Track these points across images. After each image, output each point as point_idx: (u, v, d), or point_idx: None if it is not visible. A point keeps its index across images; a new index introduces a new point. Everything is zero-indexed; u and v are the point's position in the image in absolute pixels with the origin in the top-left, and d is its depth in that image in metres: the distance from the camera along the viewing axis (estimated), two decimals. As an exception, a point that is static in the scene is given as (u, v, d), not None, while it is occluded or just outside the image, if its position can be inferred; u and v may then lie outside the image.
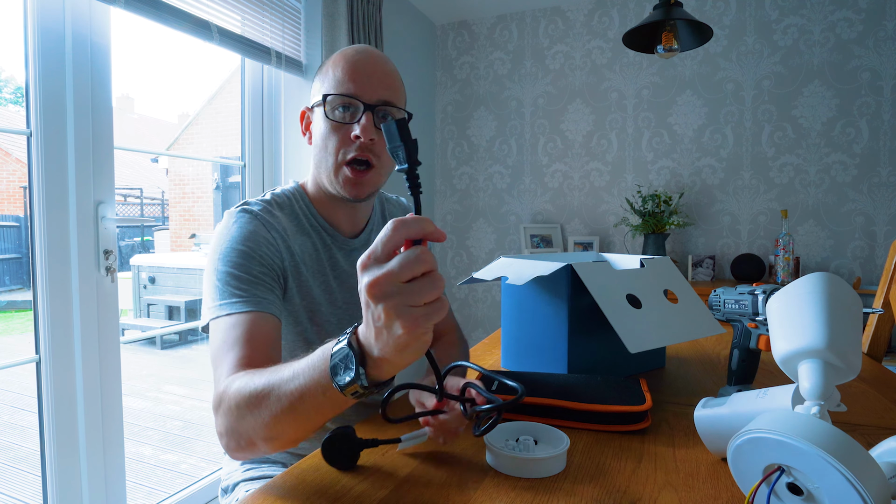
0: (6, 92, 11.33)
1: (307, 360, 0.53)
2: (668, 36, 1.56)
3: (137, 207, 12.23)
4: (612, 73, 2.84)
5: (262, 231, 0.78)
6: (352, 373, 0.47)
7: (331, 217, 0.89)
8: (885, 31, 2.38)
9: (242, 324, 0.68)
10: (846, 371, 0.51)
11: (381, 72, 0.81)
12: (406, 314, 0.42)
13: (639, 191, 2.75)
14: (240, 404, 0.57)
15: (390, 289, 0.42)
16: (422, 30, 3.05)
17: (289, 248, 0.81)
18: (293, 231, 0.84)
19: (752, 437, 0.44)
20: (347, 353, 0.48)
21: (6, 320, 6.73)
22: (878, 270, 2.43)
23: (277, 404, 0.53)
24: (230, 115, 10.92)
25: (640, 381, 0.79)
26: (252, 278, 0.73)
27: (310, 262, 0.85)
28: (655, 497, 0.53)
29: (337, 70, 0.80)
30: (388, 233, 0.43)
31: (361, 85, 0.79)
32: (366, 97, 0.79)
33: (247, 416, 0.56)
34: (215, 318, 0.70)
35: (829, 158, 2.49)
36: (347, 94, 0.79)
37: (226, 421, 0.59)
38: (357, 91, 0.79)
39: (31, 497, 2.22)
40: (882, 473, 0.39)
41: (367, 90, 0.79)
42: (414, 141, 0.47)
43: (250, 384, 0.57)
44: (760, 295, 0.75)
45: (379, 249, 0.43)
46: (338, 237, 0.89)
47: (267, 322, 0.70)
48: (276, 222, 0.81)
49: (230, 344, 0.67)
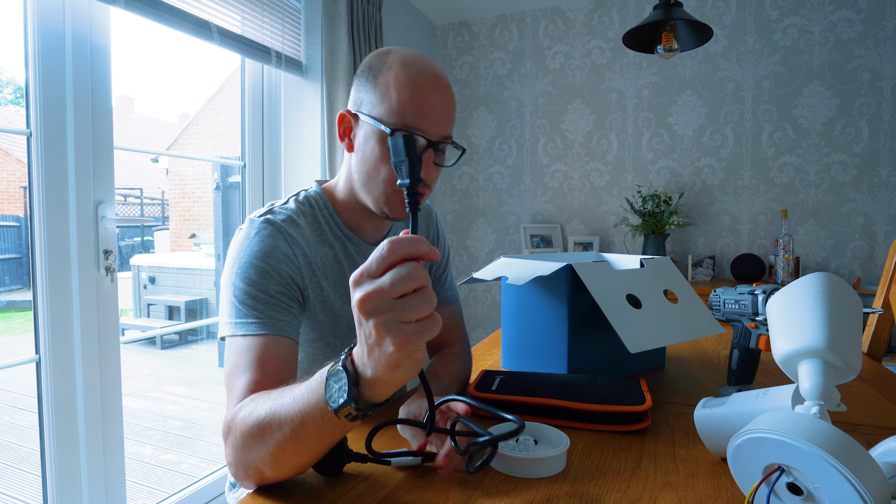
0: (6, 92, 11.31)
1: (306, 385, 0.52)
2: (668, 36, 1.56)
3: (137, 207, 12.22)
4: (612, 73, 2.84)
5: (284, 246, 0.75)
6: (345, 394, 0.47)
7: (355, 225, 0.85)
8: (885, 31, 2.38)
9: (256, 347, 0.67)
10: (846, 371, 0.51)
11: (447, 104, 0.75)
12: (397, 330, 0.42)
13: (639, 191, 2.75)
14: (244, 434, 0.56)
15: (381, 305, 0.42)
16: (422, 30, 3.05)
17: (310, 263, 0.78)
18: (315, 241, 0.81)
19: (752, 437, 0.44)
20: (340, 375, 0.48)
21: (6, 320, 6.73)
22: (878, 270, 2.43)
23: (280, 432, 0.53)
24: (230, 115, 10.92)
25: (640, 381, 0.79)
26: (269, 298, 0.71)
27: (331, 275, 0.82)
28: (655, 497, 0.53)
29: (403, 94, 0.72)
30: (383, 251, 0.43)
31: (429, 120, 0.73)
32: (430, 133, 0.74)
33: (252, 447, 0.55)
34: (231, 336, 0.69)
35: (829, 158, 2.49)
36: (413, 129, 0.72)
37: (233, 452, 0.58)
38: (424, 127, 0.73)
39: (31, 497, 2.22)
40: (882, 473, 0.39)
41: (434, 126, 0.74)
42: (419, 157, 0.48)
43: (254, 413, 0.56)
44: (760, 295, 0.75)
45: (373, 266, 0.43)
46: (361, 245, 0.86)
47: (281, 345, 0.69)
48: (298, 235, 0.78)
49: (242, 368, 0.66)
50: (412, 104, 0.72)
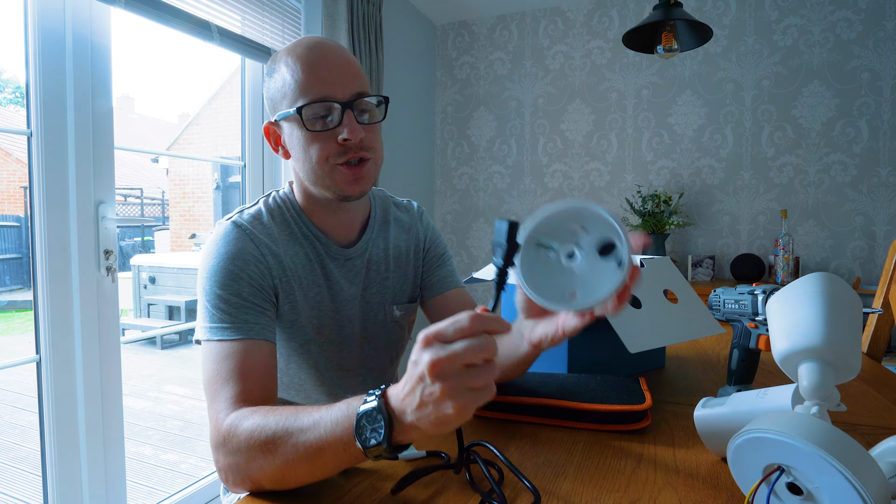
0: (6, 92, 11.33)
1: (329, 415, 0.52)
2: (668, 36, 1.56)
3: (138, 207, 12.23)
4: (612, 73, 2.85)
5: (251, 248, 0.75)
6: (379, 436, 0.48)
7: (323, 224, 0.83)
8: (885, 31, 2.38)
9: (235, 355, 0.67)
10: (846, 371, 0.51)
11: (343, 62, 0.75)
12: (460, 396, 0.44)
13: (639, 191, 2.75)
14: (251, 446, 0.55)
15: (451, 370, 0.44)
16: (422, 30, 3.05)
17: (280, 264, 0.77)
18: (285, 241, 0.80)
19: (752, 436, 0.44)
20: (376, 416, 0.48)
21: (6, 320, 6.73)
22: (878, 270, 2.44)
23: (294, 452, 0.53)
24: (230, 115, 10.92)
25: (640, 380, 0.79)
26: (242, 301, 0.71)
27: (303, 274, 0.80)
28: (655, 497, 0.53)
29: (296, 73, 0.72)
30: (463, 323, 0.45)
31: (331, 84, 0.72)
32: (339, 95, 0.73)
33: (258, 459, 0.55)
34: (207, 341, 0.69)
35: (828, 158, 2.49)
36: (320, 98, 0.72)
37: (233, 460, 0.58)
38: (329, 92, 0.72)
39: (32, 497, 2.22)
40: (882, 473, 0.39)
41: (339, 87, 0.73)
42: (516, 245, 0.50)
43: (265, 427, 0.56)
44: (760, 295, 0.75)
45: (449, 332, 0.45)
46: (331, 246, 0.83)
47: (260, 350, 0.69)
48: (266, 236, 0.77)
49: (224, 377, 0.65)
50: (308, 77, 0.72)
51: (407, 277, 0.93)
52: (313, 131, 0.73)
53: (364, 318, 0.88)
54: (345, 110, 0.73)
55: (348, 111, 0.73)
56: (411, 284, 0.94)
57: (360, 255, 0.86)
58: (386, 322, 0.90)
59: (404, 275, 0.92)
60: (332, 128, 0.73)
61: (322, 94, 0.72)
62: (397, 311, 0.91)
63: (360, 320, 0.87)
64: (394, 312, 0.91)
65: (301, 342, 0.81)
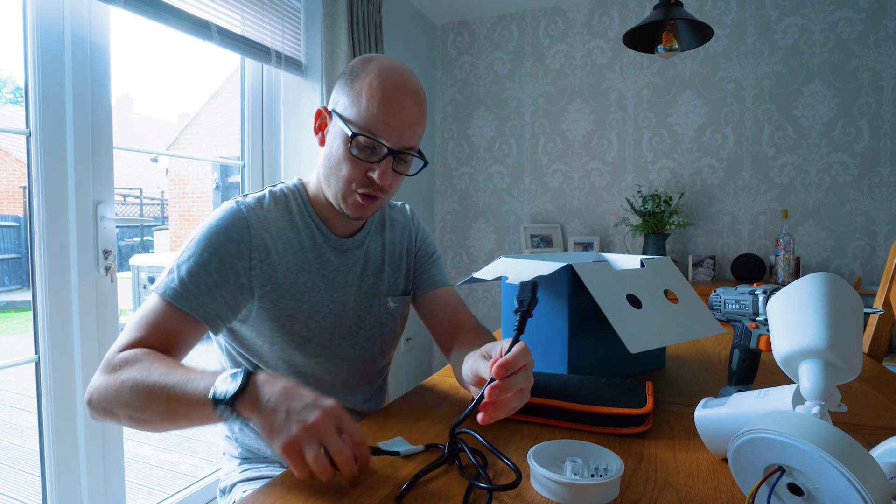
0: (5, 91, 11.32)
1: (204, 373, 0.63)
2: (669, 36, 1.56)
3: (137, 207, 12.22)
4: (612, 72, 2.84)
5: (242, 226, 0.79)
6: (227, 394, 0.57)
7: (327, 218, 0.89)
8: (886, 30, 2.38)
9: (167, 317, 0.73)
10: (847, 371, 0.51)
11: (414, 118, 0.79)
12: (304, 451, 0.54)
13: (639, 191, 2.75)
14: (128, 371, 0.65)
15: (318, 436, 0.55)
16: (422, 30, 3.05)
17: (265, 246, 0.81)
18: (280, 227, 0.84)
19: (752, 437, 0.44)
20: (237, 379, 0.58)
21: (6, 320, 6.72)
22: (879, 270, 2.43)
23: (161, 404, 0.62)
24: (230, 115, 10.92)
25: (647, 383, 0.77)
26: (204, 274, 0.76)
27: (292, 260, 0.84)
28: (655, 497, 0.53)
29: (371, 102, 0.76)
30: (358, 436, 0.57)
31: (392, 130, 0.77)
32: (392, 142, 0.78)
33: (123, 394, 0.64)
34: (155, 292, 0.75)
35: (829, 158, 2.49)
36: (374, 135, 0.77)
37: (104, 387, 0.67)
38: (386, 135, 0.77)
39: (31, 497, 2.22)
40: (882, 474, 0.38)
41: (396, 136, 0.78)
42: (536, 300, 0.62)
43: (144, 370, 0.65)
44: (761, 295, 0.75)
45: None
46: (330, 236, 0.89)
47: (188, 324, 0.74)
48: (261, 217, 0.82)
49: (146, 325, 0.72)
50: (378, 113, 0.76)
51: (400, 273, 0.98)
52: (353, 154, 0.78)
53: (359, 306, 0.92)
54: (388, 156, 0.78)
55: (389, 157, 0.79)
56: (404, 279, 0.99)
57: (357, 248, 0.92)
58: (381, 313, 0.95)
59: (398, 271, 0.98)
60: (370, 161, 0.79)
61: (379, 134, 0.77)
62: (392, 302, 0.96)
63: (354, 308, 0.91)
64: (388, 304, 0.96)
65: (283, 323, 0.84)
